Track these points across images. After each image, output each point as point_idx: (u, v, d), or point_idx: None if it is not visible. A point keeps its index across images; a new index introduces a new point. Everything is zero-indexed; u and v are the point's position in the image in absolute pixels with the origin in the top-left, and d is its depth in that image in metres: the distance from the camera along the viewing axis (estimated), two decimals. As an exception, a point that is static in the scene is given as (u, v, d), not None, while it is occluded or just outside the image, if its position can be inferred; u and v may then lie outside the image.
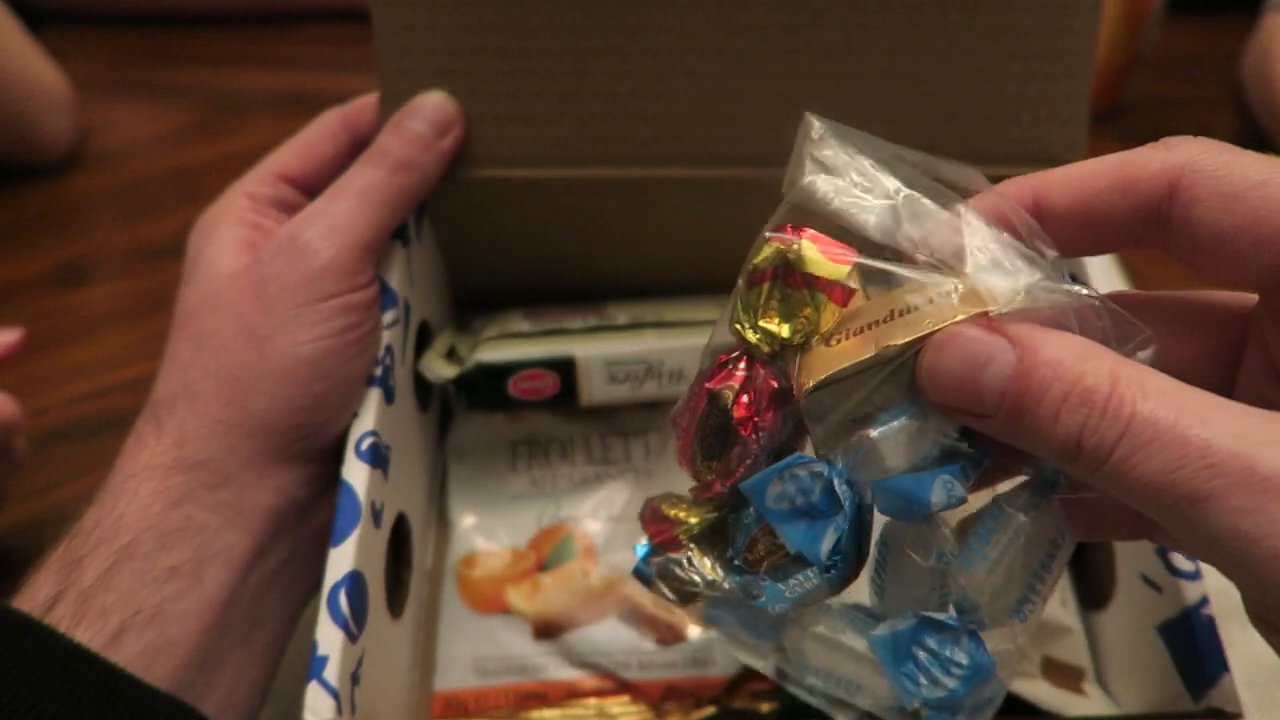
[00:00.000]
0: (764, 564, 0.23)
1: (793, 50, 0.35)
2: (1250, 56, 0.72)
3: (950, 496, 0.21)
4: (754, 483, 0.22)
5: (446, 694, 0.36)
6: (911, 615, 0.23)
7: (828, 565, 0.22)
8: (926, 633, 0.22)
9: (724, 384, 0.23)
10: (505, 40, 0.35)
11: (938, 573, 0.22)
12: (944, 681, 0.22)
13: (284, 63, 0.83)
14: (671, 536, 0.25)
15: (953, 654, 0.22)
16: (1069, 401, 0.18)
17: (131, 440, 0.29)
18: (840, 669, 0.25)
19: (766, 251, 0.22)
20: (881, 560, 0.24)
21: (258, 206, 0.33)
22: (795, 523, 0.22)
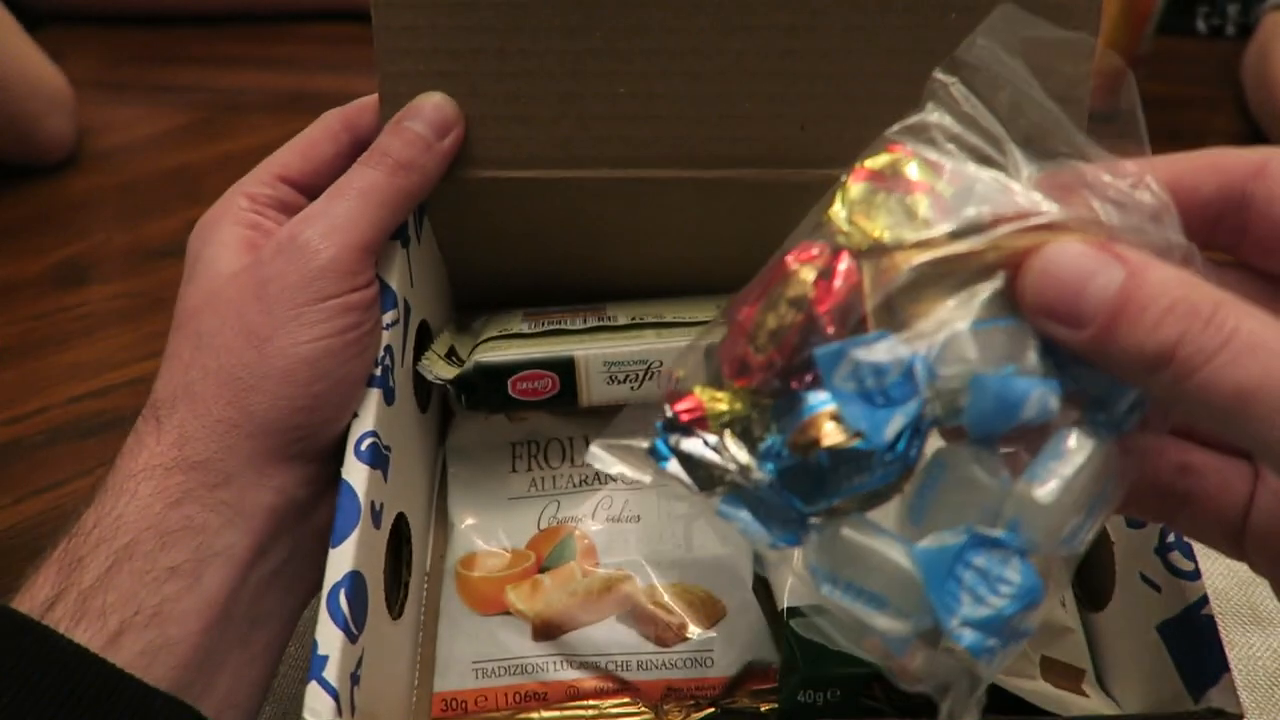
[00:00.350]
0: (813, 449, 0.22)
1: (793, 51, 0.35)
2: (1249, 56, 0.72)
3: (1044, 409, 0.21)
4: (830, 350, 0.22)
5: (446, 694, 0.36)
6: (963, 530, 0.21)
7: (885, 459, 0.21)
8: (977, 550, 0.21)
9: (807, 262, 0.22)
10: (505, 41, 0.35)
11: (996, 493, 0.21)
12: (990, 600, 0.21)
13: (284, 63, 0.83)
14: (701, 417, 0.23)
15: (1003, 572, 0.21)
16: (1173, 313, 0.18)
17: (131, 440, 0.29)
18: (865, 580, 0.22)
19: (881, 155, 0.23)
20: (931, 480, 0.23)
21: (258, 207, 0.33)
22: (861, 404, 0.21)
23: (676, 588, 0.37)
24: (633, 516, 0.39)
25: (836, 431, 0.21)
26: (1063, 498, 0.21)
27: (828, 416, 0.22)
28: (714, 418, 0.23)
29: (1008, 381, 0.21)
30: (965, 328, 0.21)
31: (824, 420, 0.22)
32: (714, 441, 0.23)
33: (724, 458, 0.23)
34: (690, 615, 0.37)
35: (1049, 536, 0.21)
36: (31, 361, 0.54)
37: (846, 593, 0.22)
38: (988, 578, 0.21)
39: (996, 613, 0.21)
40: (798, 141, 0.37)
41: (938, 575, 0.21)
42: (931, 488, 0.22)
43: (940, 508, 0.22)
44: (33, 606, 0.26)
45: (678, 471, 0.23)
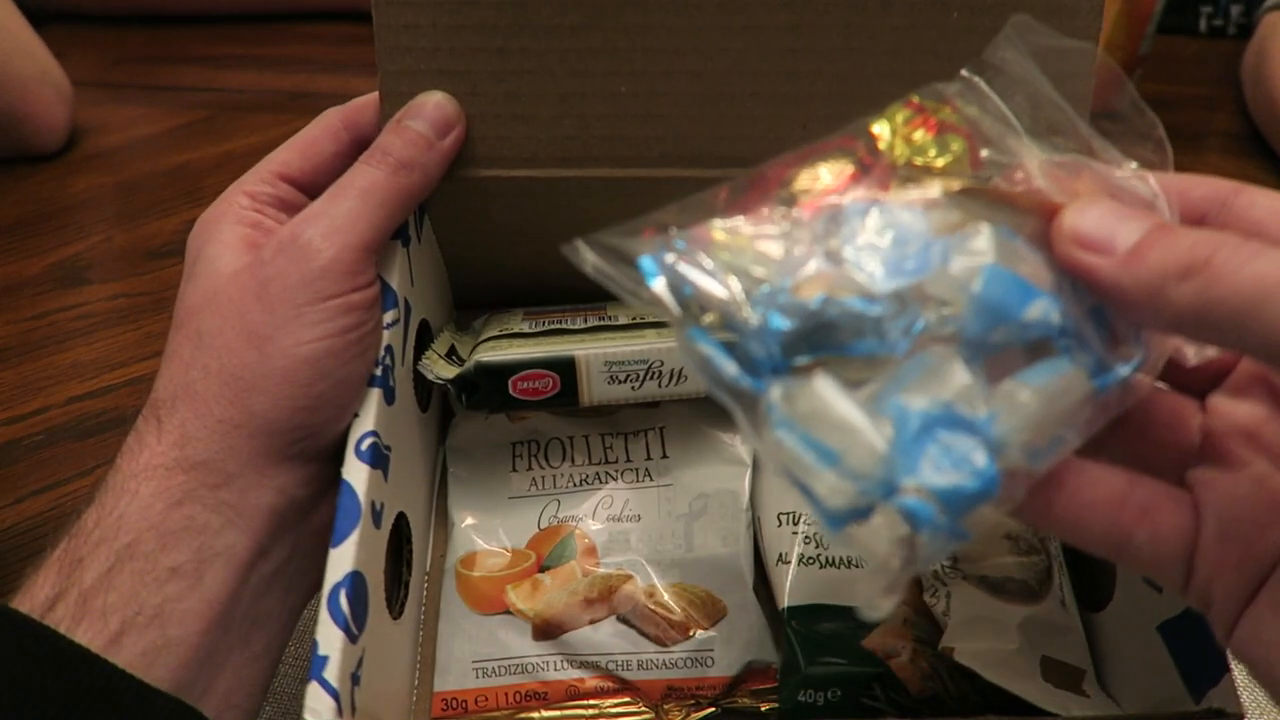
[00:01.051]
0: (814, 293, 0.22)
1: (794, 50, 0.35)
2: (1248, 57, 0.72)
3: (1045, 319, 0.21)
4: (858, 204, 0.23)
5: (446, 694, 0.36)
6: (943, 404, 0.21)
7: (878, 322, 0.21)
8: (951, 426, 0.21)
9: (847, 148, 0.24)
10: (506, 40, 0.35)
11: (973, 392, 0.21)
12: (951, 473, 0.20)
13: (284, 63, 0.83)
14: (706, 243, 0.23)
15: (969, 454, 0.21)
16: (1204, 238, 0.20)
17: (132, 440, 0.29)
18: (822, 434, 0.21)
19: (932, 100, 0.25)
20: (909, 370, 0.22)
21: (258, 205, 0.33)
22: (872, 258, 0.22)
23: (677, 587, 0.37)
24: (633, 516, 0.39)
25: (842, 282, 0.22)
26: (1044, 407, 0.22)
27: (836, 271, 0.22)
28: (718, 248, 0.23)
29: (1017, 279, 0.22)
30: (990, 230, 0.22)
31: (832, 274, 0.22)
32: (711, 267, 0.22)
33: (718, 285, 0.22)
34: (690, 615, 0.37)
35: (1020, 439, 0.21)
36: (31, 361, 0.54)
37: (800, 441, 0.21)
38: (953, 454, 0.21)
39: (954, 487, 0.20)
40: (799, 141, 0.37)
41: (906, 434, 0.21)
42: (908, 377, 0.22)
43: (920, 386, 0.22)
44: (33, 606, 0.26)
45: (662, 291, 0.22)
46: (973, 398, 0.21)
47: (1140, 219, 0.21)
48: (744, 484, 0.39)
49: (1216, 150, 0.69)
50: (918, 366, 0.22)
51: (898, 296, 0.22)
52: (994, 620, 0.34)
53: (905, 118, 0.25)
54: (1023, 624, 0.34)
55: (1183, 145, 0.70)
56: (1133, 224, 0.21)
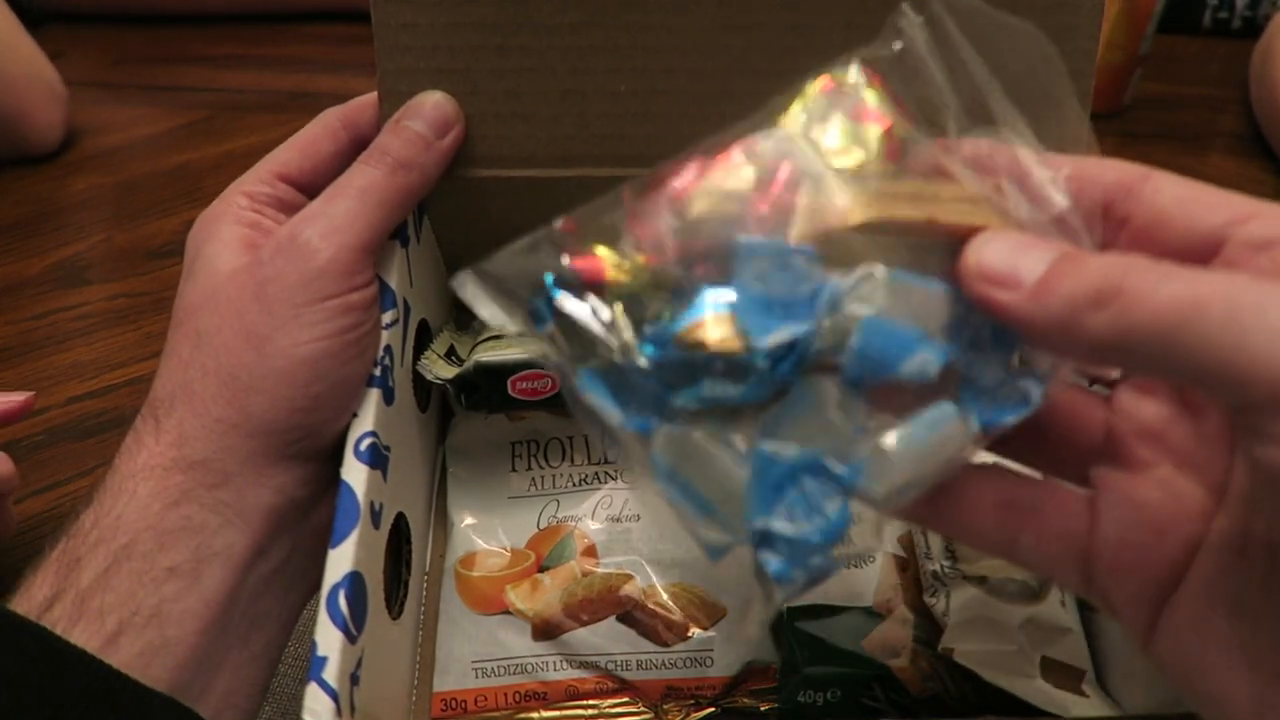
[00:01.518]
0: (699, 348, 0.21)
1: (794, 49, 0.35)
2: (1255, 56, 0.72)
3: (922, 372, 0.21)
4: (754, 243, 0.22)
5: (446, 694, 0.36)
6: (804, 451, 0.22)
7: (761, 372, 0.21)
8: (814, 474, 0.22)
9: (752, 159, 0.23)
10: (505, 39, 0.35)
11: (846, 435, 0.22)
12: (802, 524, 0.21)
13: (284, 63, 0.83)
14: (599, 283, 0.22)
15: (825, 503, 0.21)
16: (1114, 262, 0.19)
17: (130, 440, 0.29)
18: (701, 484, 0.22)
19: (848, 73, 0.23)
20: (791, 403, 0.22)
21: (257, 205, 0.33)
22: (758, 308, 0.21)
23: (676, 588, 0.37)
24: (633, 516, 0.39)
25: (726, 334, 0.21)
26: (918, 461, 0.22)
27: (722, 320, 0.21)
28: (611, 289, 0.22)
29: (896, 332, 0.21)
30: (884, 274, 0.21)
31: (718, 322, 0.21)
32: (604, 314, 0.22)
33: (609, 332, 0.22)
34: (690, 615, 0.37)
35: (883, 489, 0.22)
36: (31, 361, 0.54)
37: (681, 491, 0.22)
38: (809, 501, 0.21)
39: (799, 536, 0.21)
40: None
41: (767, 480, 0.22)
42: (790, 411, 0.22)
43: (793, 432, 0.22)
44: (30, 607, 0.26)
45: (551, 331, 0.22)
46: (843, 445, 0.22)
47: (1046, 248, 0.21)
48: (744, 484, 0.39)
49: (1219, 151, 0.69)
50: (798, 403, 0.22)
51: (782, 347, 0.21)
52: (994, 621, 0.34)
53: (820, 106, 0.23)
54: (1023, 624, 0.34)
55: (1184, 146, 0.70)
56: (1038, 254, 0.21)
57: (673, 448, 0.22)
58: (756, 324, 0.21)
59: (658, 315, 0.22)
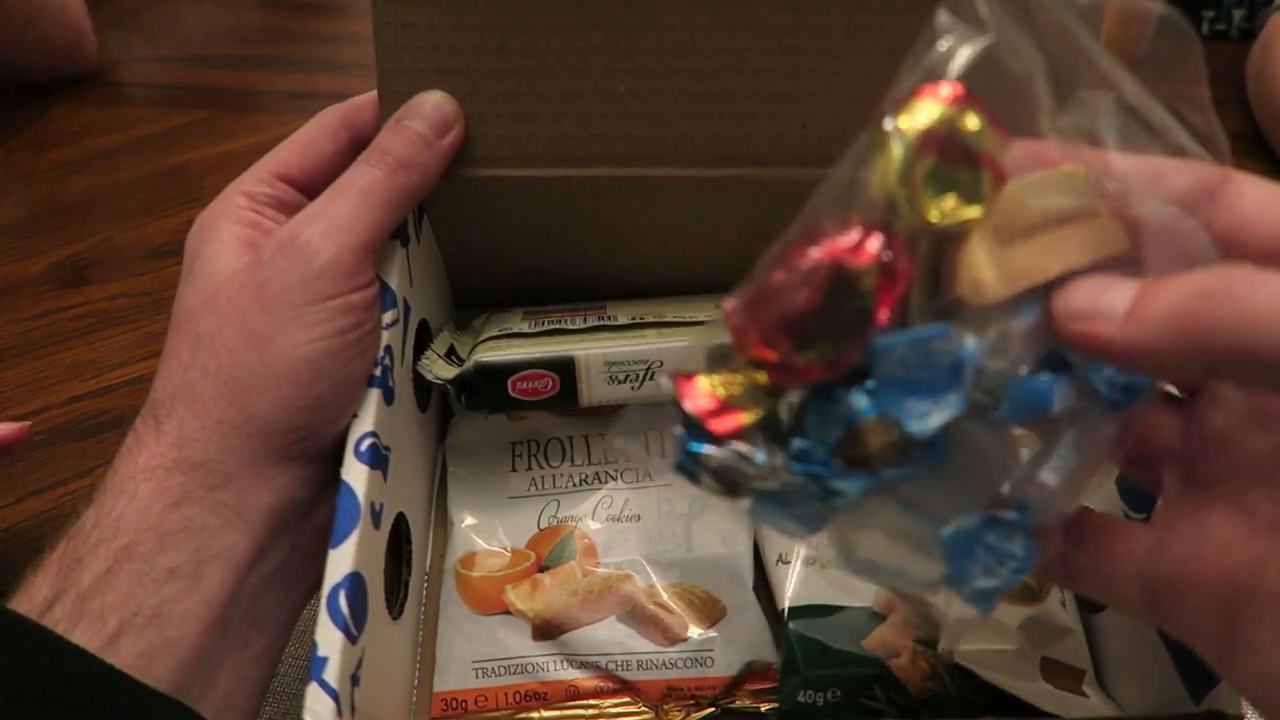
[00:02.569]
0: (871, 459, 0.22)
1: (794, 49, 0.35)
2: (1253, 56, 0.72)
3: (1068, 403, 0.22)
4: (889, 343, 0.21)
5: (446, 694, 0.36)
6: (978, 514, 0.23)
7: (924, 453, 0.22)
8: (989, 529, 0.23)
9: (860, 262, 0.21)
10: (505, 39, 0.35)
11: (1005, 469, 0.23)
12: (999, 573, 0.23)
13: (284, 63, 0.83)
14: (737, 427, 0.22)
15: (1010, 548, 0.23)
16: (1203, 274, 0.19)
17: (130, 440, 0.29)
18: (884, 559, 0.24)
19: (935, 112, 0.21)
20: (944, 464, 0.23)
21: (257, 205, 0.33)
22: (906, 394, 0.21)
23: (676, 587, 0.37)
24: (633, 516, 0.39)
25: (884, 439, 0.21)
26: (1070, 483, 0.23)
27: (876, 425, 0.21)
28: (749, 419, 0.22)
29: (1035, 384, 0.22)
30: (1012, 326, 0.21)
31: (873, 429, 0.21)
32: (745, 450, 0.22)
33: (756, 466, 0.22)
34: (690, 615, 0.37)
35: (1051, 514, 0.23)
36: (31, 361, 0.54)
37: (866, 570, 0.24)
38: (997, 553, 0.23)
39: (1002, 584, 0.23)
40: (799, 140, 0.37)
41: (958, 554, 0.23)
42: (943, 472, 0.23)
43: (950, 475, 0.23)
44: (31, 607, 0.26)
45: (710, 485, 0.23)
46: (1000, 474, 0.23)
47: (1128, 283, 0.20)
48: (744, 484, 0.39)
49: (1218, 150, 0.69)
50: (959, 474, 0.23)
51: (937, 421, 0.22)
52: (994, 621, 0.34)
53: (919, 164, 0.21)
54: (1023, 625, 0.34)
55: (1184, 145, 0.70)
56: (1120, 289, 0.20)
57: (849, 541, 0.24)
58: (909, 414, 0.21)
59: (798, 428, 0.22)
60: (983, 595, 0.23)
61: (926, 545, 0.23)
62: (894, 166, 0.21)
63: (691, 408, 0.22)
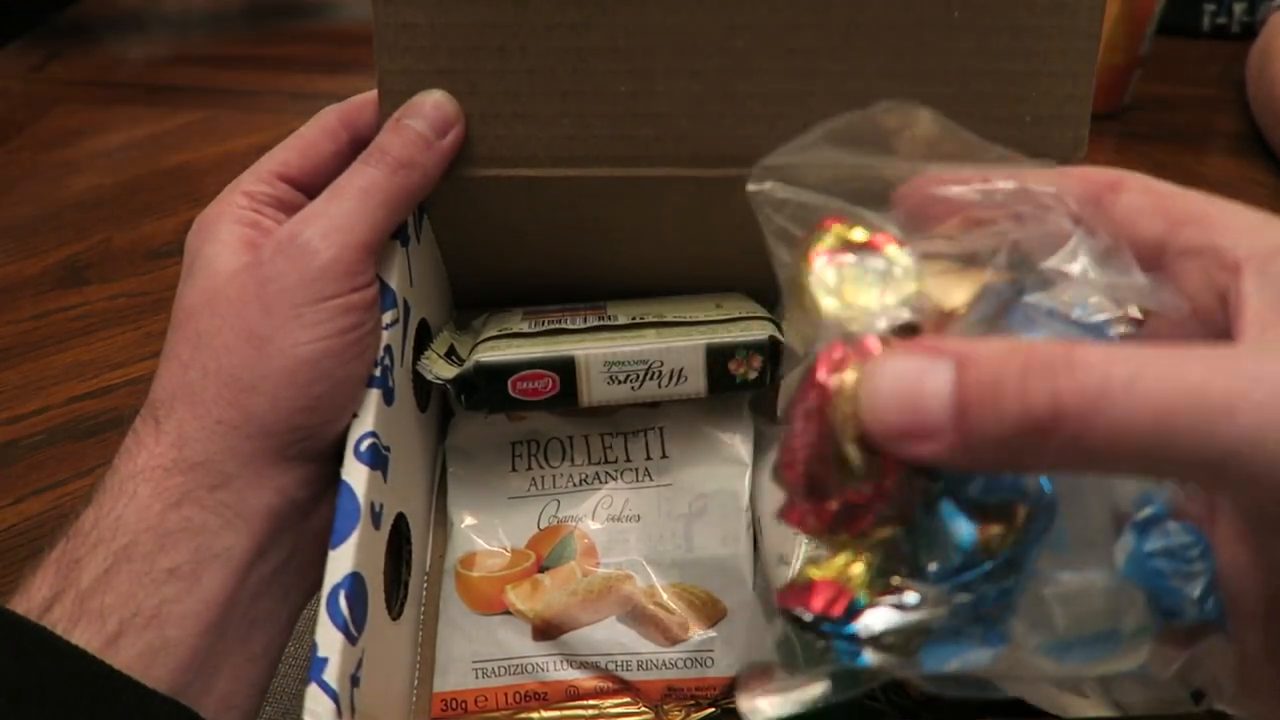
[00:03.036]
0: (1006, 540, 0.20)
1: (794, 50, 0.35)
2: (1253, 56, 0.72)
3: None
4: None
5: (446, 694, 0.36)
6: (1127, 532, 0.21)
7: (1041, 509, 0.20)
8: (1145, 538, 0.21)
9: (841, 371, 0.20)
10: (505, 39, 0.35)
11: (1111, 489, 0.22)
12: (1194, 569, 0.21)
13: (284, 63, 0.83)
14: (850, 594, 0.21)
15: (1179, 539, 0.21)
16: (1030, 374, 0.17)
17: (129, 441, 0.29)
18: (1090, 626, 0.21)
19: (826, 237, 0.22)
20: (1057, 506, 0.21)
21: (256, 205, 0.33)
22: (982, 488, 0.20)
23: (676, 588, 0.37)
24: (633, 516, 0.39)
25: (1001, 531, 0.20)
26: None
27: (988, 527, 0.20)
28: (860, 581, 0.21)
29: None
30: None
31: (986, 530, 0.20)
32: (894, 604, 0.20)
33: (914, 610, 0.20)
34: (690, 615, 0.37)
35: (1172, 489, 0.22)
36: (31, 361, 0.54)
37: (1084, 648, 0.21)
38: (1174, 552, 0.21)
39: (1208, 578, 0.21)
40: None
41: (1150, 580, 0.21)
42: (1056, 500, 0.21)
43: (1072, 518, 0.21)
44: (30, 607, 0.26)
45: (877, 659, 0.21)
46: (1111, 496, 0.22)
47: (935, 369, 0.18)
48: (744, 484, 0.39)
49: (1218, 151, 0.69)
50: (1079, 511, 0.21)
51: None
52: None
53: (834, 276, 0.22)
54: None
55: (1184, 146, 0.70)
56: (931, 385, 0.17)
57: (1042, 626, 0.21)
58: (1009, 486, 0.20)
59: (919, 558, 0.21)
60: (1204, 601, 0.21)
61: (1108, 593, 0.21)
62: (817, 293, 0.21)
63: (812, 607, 0.21)
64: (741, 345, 0.37)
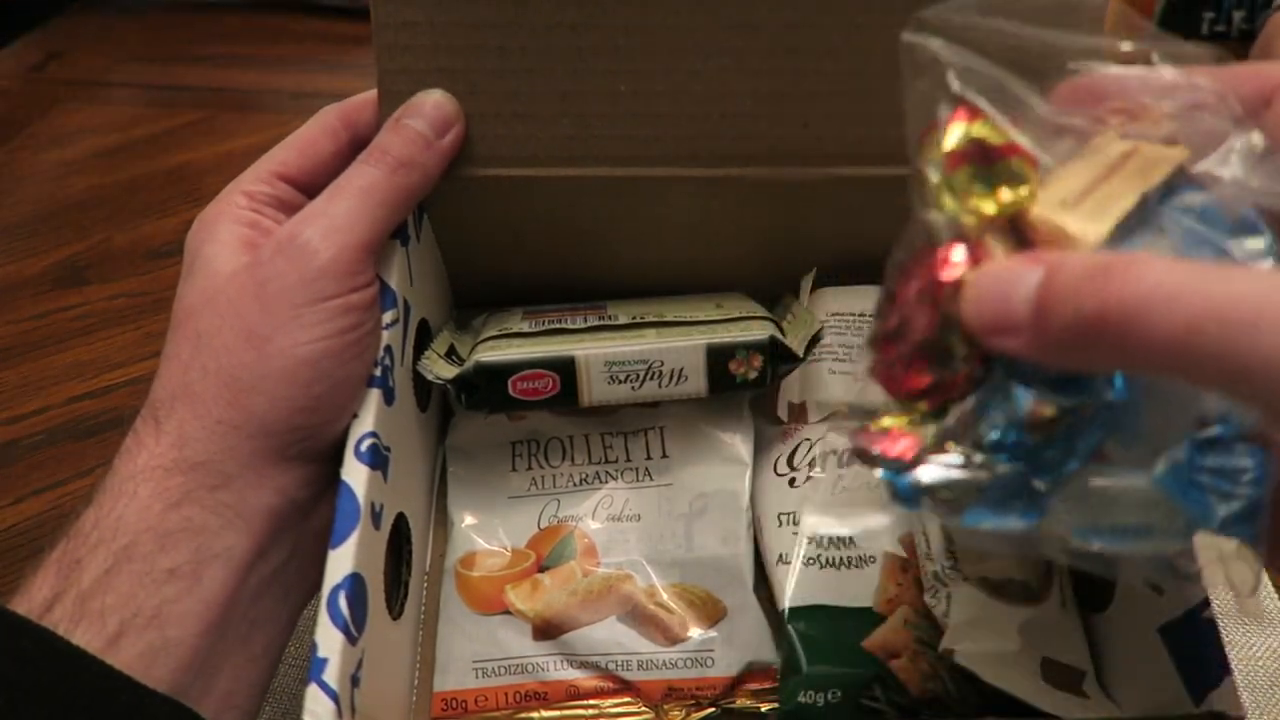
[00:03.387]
0: (1056, 424, 0.22)
1: (795, 48, 0.35)
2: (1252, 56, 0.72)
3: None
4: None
5: (446, 694, 0.36)
6: (1183, 442, 0.22)
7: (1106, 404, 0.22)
8: (1201, 454, 0.22)
9: (954, 274, 0.22)
10: (505, 38, 0.35)
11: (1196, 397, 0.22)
12: (1238, 492, 0.22)
13: (284, 63, 0.83)
14: (920, 446, 0.23)
15: (1236, 463, 0.22)
16: (1090, 281, 0.18)
17: (130, 441, 0.29)
18: (1124, 518, 0.23)
19: (949, 134, 0.23)
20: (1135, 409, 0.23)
21: (256, 205, 0.33)
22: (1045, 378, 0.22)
23: (677, 587, 0.37)
24: (633, 515, 0.39)
25: (1057, 411, 0.22)
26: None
27: (1042, 404, 0.22)
28: (935, 435, 0.23)
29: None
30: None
31: (1045, 407, 0.22)
32: (951, 459, 0.23)
33: (969, 469, 0.23)
34: (690, 615, 0.37)
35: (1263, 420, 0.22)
36: (31, 361, 0.54)
37: (1115, 538, 0.23)
38: (1225, 473, 0.22)
39: (1248, 502, 0.22)
40: (800, 139, 0.37)
41: (1184, 491, 0.22)
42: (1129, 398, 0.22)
43: (1145, 414, 0.22)
44: (30, 608, 0.26)
45: (932, 506, 0.23)
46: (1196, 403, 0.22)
47: (1027, 275, 0.20)
48: (744, 484, 0.39)
49: (1218, 149, 0.69)
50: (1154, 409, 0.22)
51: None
52: (994, 621, 0.34)
53: (959, 179, 0.23)
54: (1023, 625, 0.34)
55: (1184, 144, 0.70)
56: (1021, 289, 0.20)
57: (1079, 510, 0.23)
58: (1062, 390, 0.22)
59: (981, 428, 0.23)
60: (1234, 522, 0.22)
61: (1154, 497, 0.22)
62: (938, 189, 0.23)
63: (885, 450, 0.23)
64: (742, 345, 0.37)
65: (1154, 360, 0.18)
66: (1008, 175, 0.22)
